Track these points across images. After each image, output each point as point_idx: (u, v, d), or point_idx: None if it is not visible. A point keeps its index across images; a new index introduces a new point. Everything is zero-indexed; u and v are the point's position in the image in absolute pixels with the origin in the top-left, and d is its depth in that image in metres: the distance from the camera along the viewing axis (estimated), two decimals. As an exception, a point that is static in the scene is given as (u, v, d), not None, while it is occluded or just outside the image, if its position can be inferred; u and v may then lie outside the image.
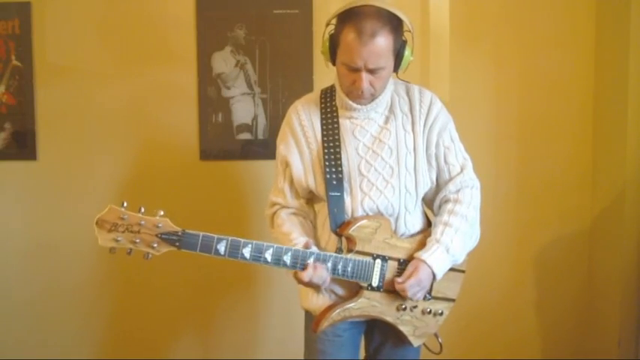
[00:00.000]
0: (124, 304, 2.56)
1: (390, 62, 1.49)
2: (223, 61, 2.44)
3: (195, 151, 2.47)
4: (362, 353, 1.76)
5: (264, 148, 2.46)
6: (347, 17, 1.45)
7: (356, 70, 1.47)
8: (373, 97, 1.54)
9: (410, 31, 1.52)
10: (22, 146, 2.48)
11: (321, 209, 1.64)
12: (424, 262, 1.52)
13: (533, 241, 2.52)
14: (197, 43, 2.43)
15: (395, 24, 1.47)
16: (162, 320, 2.56)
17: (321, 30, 1.56)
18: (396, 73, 1.57)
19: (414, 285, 1.50)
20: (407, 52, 1.52)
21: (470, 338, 2.49)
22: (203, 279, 2.53)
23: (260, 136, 2.47)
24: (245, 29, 2.42)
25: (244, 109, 2.45)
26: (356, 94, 1.52)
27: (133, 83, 2.46)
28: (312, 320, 1.62)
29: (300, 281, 1.49)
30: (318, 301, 1.61)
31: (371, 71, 1.47)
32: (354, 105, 1.55)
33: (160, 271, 2.50)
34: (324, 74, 2.38)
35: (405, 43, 1.52)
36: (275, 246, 1.46)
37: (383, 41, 1.44)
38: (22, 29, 2.43)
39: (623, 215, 2.26)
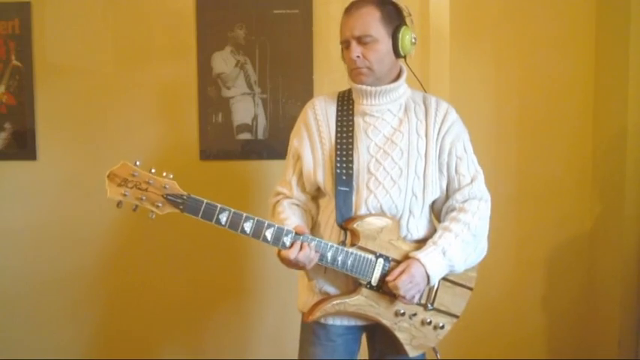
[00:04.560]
0: (119, 304, 2.56)
1: (381, 35, 1.52)
2: (223, 61, 2.44)
3: (195, 151, 2.47)
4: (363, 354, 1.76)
5: (264, 148, 2.46)
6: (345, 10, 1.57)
7: (348, 45, 1.53)
8: (373, 74, 1.55)
9: (409, 16, 1.58)
10: (22, 146, 2.48)
11: (326, 206, 1.64)
12: (418, 260, 1.50)
13: (533, 241, 2.51)
14: (197, 43, 2.43)
15: (384, 3, 1.54)
16: (157, 320, 2.56)
17: (321, 30, 1.58)
18: (405, 59, 1.59)
19: (406, 281, 1.47)
20: (407, 36, 1.55)
21: (470, 338, 2.49)
22: (198, 279, 2.53)
23: (260, 136, 2.47)
24: (245, 29, 2.42)
25: (244, 109, 2.46)
26: (355, 72, 1.55)
27: (133, 83, 2.46)
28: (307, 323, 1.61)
29: (285, 259, 1.48)
30: (312, 303, 1.59)
31: (359, 40, 1.51)
32: (363, 88, 1.56)
33: (155, 271, 2.51)
34: (324, 74, 2.40)
35: (400, 24, 1.55)
36: (276, 226, 1.47)
37: (367, 11, 1.51)
38: (22, 29, 2.43)
39: (623, 215, 2.26)
